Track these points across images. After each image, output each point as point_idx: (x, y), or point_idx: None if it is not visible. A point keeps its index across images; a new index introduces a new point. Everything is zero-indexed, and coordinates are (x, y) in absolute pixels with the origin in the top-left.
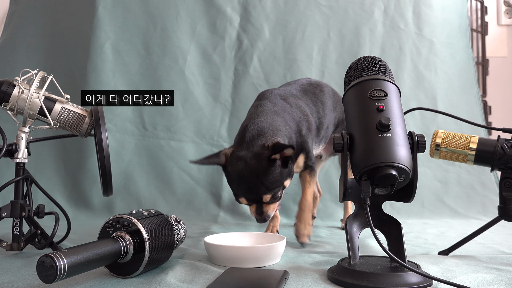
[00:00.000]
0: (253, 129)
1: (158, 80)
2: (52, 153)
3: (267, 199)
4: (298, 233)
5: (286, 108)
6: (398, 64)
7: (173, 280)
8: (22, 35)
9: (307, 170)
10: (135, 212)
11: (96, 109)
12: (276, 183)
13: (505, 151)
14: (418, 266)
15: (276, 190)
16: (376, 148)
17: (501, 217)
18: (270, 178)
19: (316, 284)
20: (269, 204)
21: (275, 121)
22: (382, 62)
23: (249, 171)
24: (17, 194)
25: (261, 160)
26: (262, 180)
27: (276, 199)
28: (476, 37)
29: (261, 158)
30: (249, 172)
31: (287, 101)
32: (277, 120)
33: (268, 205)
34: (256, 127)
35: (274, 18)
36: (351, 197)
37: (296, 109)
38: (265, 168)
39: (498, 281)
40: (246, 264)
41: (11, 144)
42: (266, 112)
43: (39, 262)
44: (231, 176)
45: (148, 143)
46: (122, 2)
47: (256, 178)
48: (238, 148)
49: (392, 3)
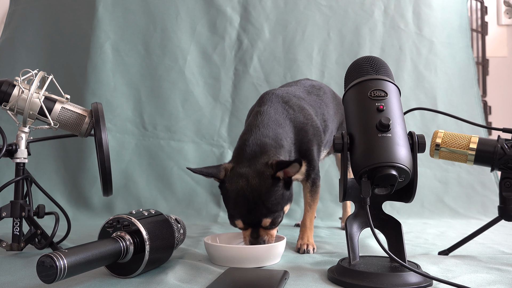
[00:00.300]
0: (254, 145)
1: (158, 80)
2: (52, 153)
3: (267, 223)
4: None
5: (289, 113)
6: (398, 64)
7: (173, 280)
8: (22, 35)
9: (308, 182)
10: (135, 212)
11: (96, 109)
12: (278, 205)
13: (505, 151)
14: (418, 266)
15: (277, 215)
16: (376, 148)
17: (501, 217)
18: (273, 200)
19: (316, 284)
20: (267, 229)
21: (278, 134)
22: (382, 62)
23: (251, 190)
24: (17, 194)
25: (264, 179)
26: (264, 201)
27: (275, 225)
28: (476, 37)
29: (265, 177)
30: (251, 191)
31: (289, 104)
32: (279, 133)
33: (266, 231)
34: (258, 143)
35: (274, 18)
36: (351, 197)
37: (299, 113)
38: (268, 187)
39: (498, 281)
40: (246, 264)
41: (11, 144)
42: (267, 123)
43: (39, 262)
44: (229, 194)
45: (148, 143)
46: (122, 2)
47: (257, 198)
48: (239, 164)
49: (392, 3)
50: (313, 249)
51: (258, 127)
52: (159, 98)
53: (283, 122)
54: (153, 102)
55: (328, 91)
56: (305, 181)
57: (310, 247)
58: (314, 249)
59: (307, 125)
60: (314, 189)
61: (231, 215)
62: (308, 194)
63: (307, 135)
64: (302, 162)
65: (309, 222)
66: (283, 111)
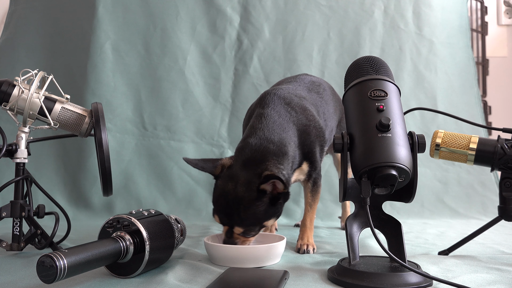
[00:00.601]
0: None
1: (158, 80)
2: (52, 153)
3: (239, 231)
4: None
5: (292, 116)
6: (398, 64)
7: (173, 280)
8: (22, 35)
9: (309, 182)
10: (135, 212)
11: (96, 109)
12: (255, 219)
13: (505, 151)
14: (418, 266)
15: (251, 228)
16: (376, 148)
17: (501, 217)
18: (251, 213)
19: (316, 284)
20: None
21: (282, 140)
22: (382, 62)
23: (234, 196)
24: (17, 194)
25: (250, 190)
26: (241, 211)
27: (249, 236)
28: (476, 37)
29: (251, 188)
30: (234, 197)
31: (292, 105)
32: (283, 138)
33: (239, 236)
34: (261, 148)
35: (274, 18)
36: (351, 197)
37: (302, 115)
38: (251, 199)
39: (498, 281)
40: (246, 264)
41: (11, 144)
42: (272, 127)
43: (39, 262)
44: (216, 189)
45: (148, 143)
46: (122, 2)
47: (237, 206)
48: (237, 164)
49: (392, 3)
50: (313, 249)
51: (263, 131)
52: (159, 98)
53: (286, 126)
54: (153, 102)
55: (327, 87)
56: (306, 181)
57: (310, 247)
58: (314, 249)
59: (309, 127)
60: (315, 189)
61: (213, 208)
62: (309, 194)
63: (310, 136)
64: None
65: (309, 222)
66: (286, 113)
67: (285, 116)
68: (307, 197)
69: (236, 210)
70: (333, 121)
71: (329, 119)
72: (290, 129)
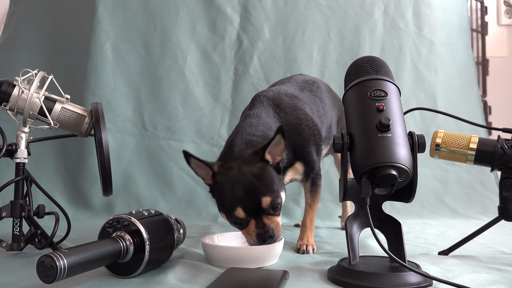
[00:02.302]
0: (241, 144)
1: (158, 80)
2: (52, 153)
3: (267, 203)
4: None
5: (280, 117)
6: (398, 64)
7: (173, 280)
8: (22, 35)
9: (308, 182)
10: (135, 212)
11: (96, 109)
12: (274, 184)
13: (505, 151)
14: (418, 266)
15: (275, 194)
16: (376, 148)
17: (501, 217)
18: (267, 178)
19: (316, 284)
20: (270, 215)
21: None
22: (382, 62)
23: (244, 174)
24: (17, 194)
25: (255, 163)
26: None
27: (276, 208)
28: (476, 37)
29: (255, 161)
30: (244, 174)
31: (281, 106)
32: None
33: (269, 217)
34: (245, 141)
35: (274, 18)
36: (351, 197)
37: (291, 115)
38: (260, 167)
39: (498, 281)
40: (244, 265)
41: (11, 144)
42: (256, 125)
43: (39, 262)
44: (223, 185)
45: (148, 143)
46: (122, 2)
47: (253, 179)
48: (226, 161)
49: (392, 3)
50: (312, 250)
51: (245, 128)
52: (159, 98)
53: (273, 126)
54: (153, 102)
55: (322, 85)
56: (304, 181)
57: (310, 247)
58: (314, 249)
59: (300, 126)
60: (315, 188)
61: (229, 208)
62: (308, 194)
63: (302, 136)
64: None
65: (309, 223)
66: (274, 114)
67: (273, 117)
68: (306, 197)
69: (254, 183)
70: (330, 118)
71: (324, 116)
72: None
